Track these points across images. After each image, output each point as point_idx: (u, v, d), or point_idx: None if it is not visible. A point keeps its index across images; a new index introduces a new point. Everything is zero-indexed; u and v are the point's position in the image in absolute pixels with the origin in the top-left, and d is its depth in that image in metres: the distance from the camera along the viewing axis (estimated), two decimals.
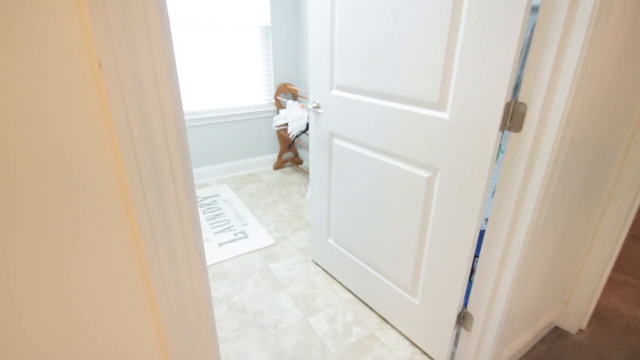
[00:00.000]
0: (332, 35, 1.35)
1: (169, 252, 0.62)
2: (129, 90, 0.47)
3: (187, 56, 2.62)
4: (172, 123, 0.53)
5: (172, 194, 0.59)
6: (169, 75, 0.50)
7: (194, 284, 0.68)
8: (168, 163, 0.56)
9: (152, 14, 0.45)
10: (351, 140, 1.41)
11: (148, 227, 0.58)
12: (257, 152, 3.21)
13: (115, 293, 0.61)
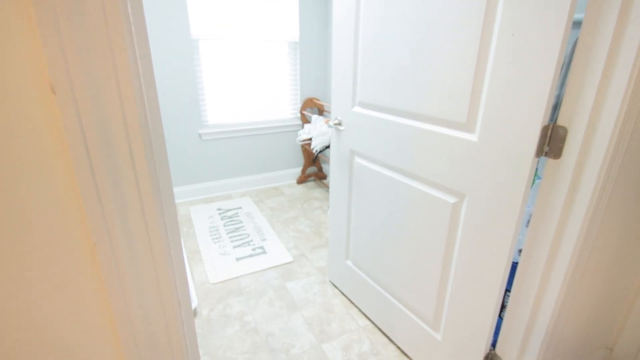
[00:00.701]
0: (356, 50, 1.31)
1: (130, 258, 0.58)
2: (87, 115, 0.45)
3: (216, 70, 2.68)
4: (141, 148, 0.50)
5: (140, 224, 0.56)
6: (137, 96, 0.48)
7: (162, 290, 0.63)
8: (135, 186, 0.53)
9: (115, 31, 0.43)
10: (373, 159, 1.35)
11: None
12: (281, 166, 3.20)
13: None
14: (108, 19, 0.41)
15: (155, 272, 0.61)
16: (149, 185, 0.55)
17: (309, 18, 2.83)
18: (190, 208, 2.74)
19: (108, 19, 0.41)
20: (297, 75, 2.99)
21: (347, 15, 1.30)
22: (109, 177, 0.50)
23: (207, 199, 2.90)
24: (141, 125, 0.49)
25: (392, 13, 1.11)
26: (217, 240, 2.30)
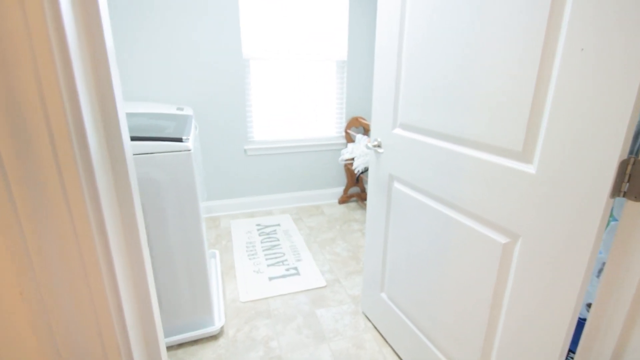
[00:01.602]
0: (398, 68, 1.22)
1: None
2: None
3: (264, 88, 2.74)
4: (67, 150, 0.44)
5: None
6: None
7: (94, 298, 0.55)
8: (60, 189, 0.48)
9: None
10: (413, 186, 1.23)
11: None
12: (323, 185, 3.15)
13: None
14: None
15: (86, 281, 0.54)
16: (78, 189, 0.48)
17: (357, 37, 2.80)
18: (232, 222, 2.78)
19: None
20: (344, 93, 2.95)
21: (390, 31, 1.23)
22: (26, 181, 0.44)
23: (248, 214, 2.93)
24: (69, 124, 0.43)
25: (437, 27, 1.02)
26: (252, 256, 2.28)
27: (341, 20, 2.74)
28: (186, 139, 1.33)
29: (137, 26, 2.32)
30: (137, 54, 2.37)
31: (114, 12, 2.25)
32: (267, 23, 2.58)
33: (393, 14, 1.20)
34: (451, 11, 0.97)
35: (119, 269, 0.58)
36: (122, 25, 2.29)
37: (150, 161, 1.28)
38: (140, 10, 2.29)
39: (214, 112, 2.65)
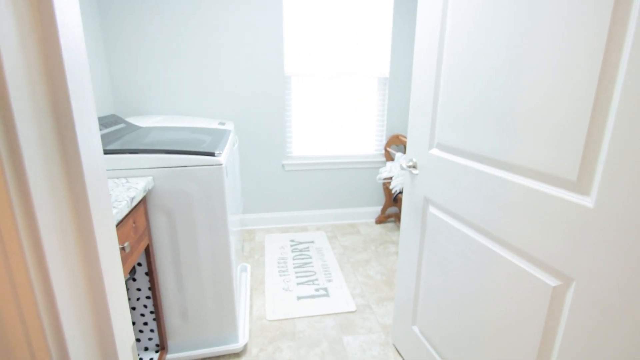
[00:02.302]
0: (437, 83, 1.14)
1: None
2: None
3: (304, 104, 2.76)
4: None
5: None
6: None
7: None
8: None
9: None
10: (450, 211, 1.13)
11: None
12: (360, 203, 3.07)
13: None
14: None
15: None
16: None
17: (400, 53, 2.74)
18: (266, 236, 2.79)
19: None
20: (385, 110, 2.88)
21: (429, 43, 1.16)
22: None
23: (283, 229, 2.93)
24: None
25: (480, 40, 0.93)
26: (283, 273, 2.25)
27: (384, 36, 2.70)
28: (218, 154, 1.35)
29: (185, 45, 2.46)
30: (184, 71, 2.51)
31: (164, 33, 2.41)
32: (309, 41, 2.62)
33: (432, 27, 1.14)
34: (495, 23, 0.88)
35: (58, 269, 0.52)
36: (171, 46, 2.44)
37: (183, 174, 1.31)
38: (189, 29, 2.44)
39: (254, 127, 2.71)
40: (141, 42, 2.41)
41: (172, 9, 2.38)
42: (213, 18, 2.44)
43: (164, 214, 1.35)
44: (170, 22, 2.40)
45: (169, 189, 1.32)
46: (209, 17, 2.44)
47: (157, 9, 2.36)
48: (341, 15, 2.60)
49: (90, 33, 2.17)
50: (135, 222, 1.17)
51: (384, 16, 2.66)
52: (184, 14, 2.40)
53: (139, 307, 1.38)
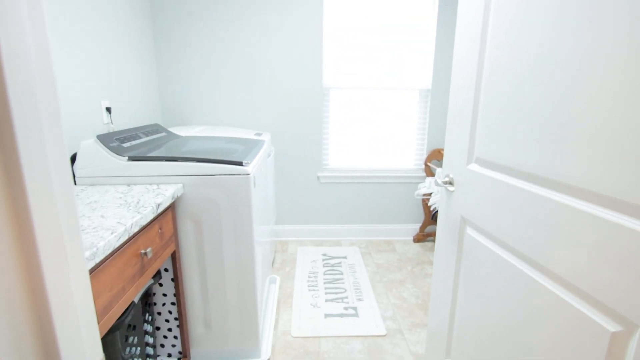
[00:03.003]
0: (477, 89, 1.04)
1: None
2: None
3: (342, 116, 2.73)
4: None
5: None
6: None
7: None
8: None
9: None
10: (490, 235, 1.01)
11: None
12: (397, 219, 2.94)
13: None
14: None
15: None
16: None
17: (443, 65, 2.62)
18: (299, 248, 2.75)
19: None
20: (426, 124, 2.75)
21: (469, 44, 1.07)
22: None
23: (316, 242, 2.88)
24: None
25: (529, 36, 0.83)
26: (312, 288, 2.19)
27: (427, 47, 2.60)
28: (246, 163, 1.35)
29: (228, 60, 2.55)
30: (227, 84, 2.60)
31: (210, 49, 2.52)
32: (348, 53, 2.59)
33: (473, 24, 1.04)
34: (548, 15, 0.78)
35: None
36: (216, 60, 2.55)
37: (211, 182, 1.32)
38: (232, 45, 2.53)
39: (291, 138, 2.72)
40: (188, 58, 2.54)
41: (218, 27, 2.49)
42: (255, 33, 2.52)
43: (191, 221, 1.36)
44: (215, 38, 2.51)
45: (197, 196, 1.33)
46: (251, 32, 2.51)
47: (204, 28, 2.49)
48: (382, 26, 2.56)
49: (144, 51, 2.33)
50: (162, 228, 1.18)
51: (427, 26, 2.57)
52: (228, 31, 2.50)
53: (164, 312, 1.40)
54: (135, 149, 1.40)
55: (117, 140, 1.40)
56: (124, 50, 2.07)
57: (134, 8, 2.21)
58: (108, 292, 0.85)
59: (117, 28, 2.00)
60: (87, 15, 1.72)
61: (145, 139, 1.58)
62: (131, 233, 0.93)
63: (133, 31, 2.19)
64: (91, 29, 1.75)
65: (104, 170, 1.30)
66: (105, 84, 1.87)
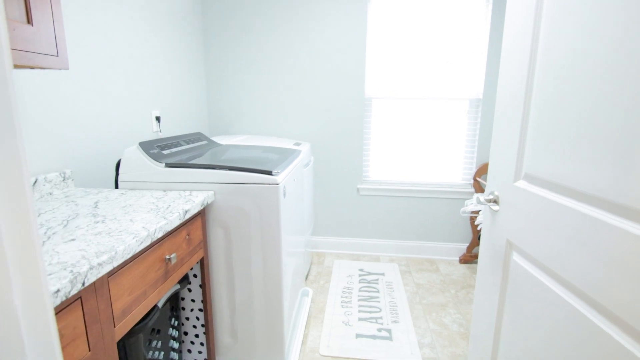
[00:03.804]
0: (527, 95, 0.92)
1: None
2: None
3: (384, 127, 2.64)
4: None
5: None
6: None
7: None
8: None
9: None
10: (540, 264, 0.87)
11: None
12: (442, 237, 2.74)
13: None
14: None
15: None
16: None
17: (497, 72, 2.42)
18: (335, 261, 2.68)
19: None
20: (476, 136, 2.56)
21: (519, 43, 0.95)
22: None
23: (354, 256, 2.79)
24: None
25: (596, 29, 0.71)
26: (346, 304, 2.10)
27: (479, 53, 2.43)
28: (276, 173, 1.32)
29: (272, 70, 2.60)
30: (270, 94, 2.64)
31: (255, 59, 2.59)
32: (392, 61, 2.51)
33: (523, 15, 0.93)
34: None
35: None
36: (260, 71, 2.61)
37: (241, 190, 1.32)
38: (276, 55, 2.58)
39: (331, 148, 2.68)
40: (234, 69, 2.63)
41: (262, 40, 2.56)
42: (297, 42, 2.54)
43: (221, 229, 1.37)
44: (259, 50, 2.58)
45: (227, 204, 1.34)
46: (293, 42, 2.54)
47: (250, 41, 2.57)
48: (429, 33, 2.44)
49: (194, 63, 2.46)
50: (190, 234, 1.20)
51: (478, 30, 2.40)
52: (270, 42, 2.56)
53: (192, 318, 1.41)
54: (174, 156, 1.45)
55: (158, 147, 1.46)
56: (174, 62, 2.20)
57: (186, 23, 2.35)
58: (127, 295, 0.86)
59: (169, 43, 2.14)
60: (142, 31, 1.85)
61: (185, 147, 1.63)
62: (154, 238, 0.94)
63: (184, 45, 2.33)
64: (145, 44, 1.88)
65: (143, 175, 1.36)
66: (155, 95, 2.00)
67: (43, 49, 1.00)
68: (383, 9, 2.45)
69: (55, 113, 1.33)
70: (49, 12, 1.01)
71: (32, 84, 1.24)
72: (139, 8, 1.81)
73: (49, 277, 0.66)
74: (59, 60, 1.06)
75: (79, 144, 1.44)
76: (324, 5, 2.47)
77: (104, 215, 1.03)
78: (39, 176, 1.23)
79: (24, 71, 1.20)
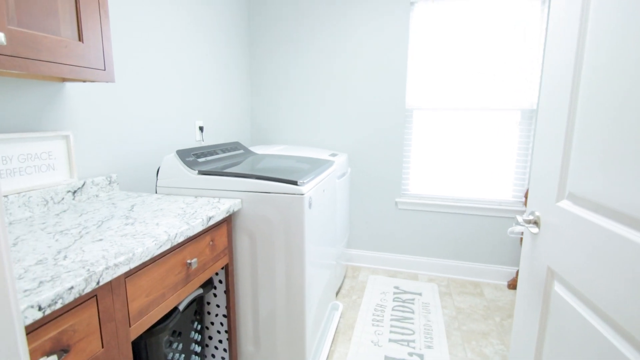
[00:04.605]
0: (572, 103, 0.81)
1: None
2: None
3: (426, 139, 2.52)
4: None
5: None
6: None
7: None
8: None
9: None
10: (586, 300, 0.74)
11: None
12: (489, 258, 2.53)
13: None
14: None
15: None
16: None
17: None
18: (370, 276, 2.59)
19: None
20: (529, 149, 2.35)
21: (563, 48, 0.84)
22: None
23: (390, 272, 2.67)
24: None
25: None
26: (377, 323, 2.01)
27: (532, 61, 2.24)
28: (301, 183, 1.31)
29: (312, 80, 2.63)
30: (310, 104, 2.67)
31: (295, 71, 2.64)
32: (437, 70, 2.41)
33: (571, 7, 0.83)
34: None
35: None
36: (300, 83, 2.65)
37: (266, 199, 1.33)
38: (315, 66, 2.60)
39: (369, 159, 2.63)
40: (276, 80, 2.71)
41: (304, 51, 2.60)
42: (337, 54, 2.55)
43: (247, 236, 1.39)
44: (300, 61, 2.63)
45: (253, 212, 1.35)
46: (333, 53, 2.55)
47: (293, 52, 2.63)
48: (476, 39, 2.31)
49: (238, 75, 2.58)
50: (214, 240, 1.22)
51: (532, 36, 2.22)
52: (312, 52, 2.59)
53: (217, 323, 1.43)
54: (208, 164, 1.51)
55: (194, 155, 1.53)
56: (221, 75, 2.32)
57: (233, 36, 2.47)
58: (145, 297, 0.90)
59: (217, 58, 2.26)
60: (188, 47, 1.98)
61: (220, 156, 1.69)
62: (175, 242, 0.97)
63: (232, 58, 2.45)
64: (192, 59, 2.00)
65: (178, 181, 1.42)
66: (201, 106, 2.11)
67: (92, 63, 1.10)
68: (427, 16, 2.37)
69: (105, 122, 1.45)
70: (98, 30, 1.11)
71: (85, 96, 1.37)
72: (187, 24, 1.95)
73: (67, 274, 0.70)
74: (106, 74, 1.16)
75: (125, 151, 1.56)
76: (364, 14, 2.46)
77: (135, 218, 1.09)
78: (87, 179, 1.35)
79: (78, 84, 1.33)
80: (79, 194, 1.31)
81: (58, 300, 0.64)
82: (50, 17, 0.96)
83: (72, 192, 1.28)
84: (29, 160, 1.15)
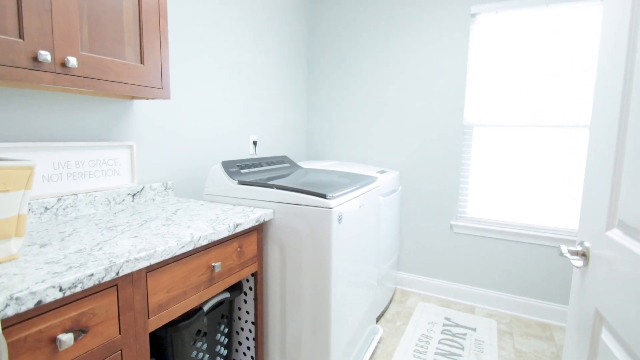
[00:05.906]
0: (623, 120, 0.68)
1: None
2: None
3: (486, 158, 2.32)
4: None
5: None
6: None
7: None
8: None
9: None
10: (634, 354, 0.60)
11: None
12: (561, 297, 2.18)
13: None
14: None
15: None
16: None
17: None
18: (420, 303, 2.42)
19: None
20: None
21: (613, 65, 0.72)
22: None
23: (443, 301, 2.46)
24: None
25: None
26: (419, 355, 1.85)
27: None
28: (330, 197, 1.31)
29: (366, 97, 2.62)
30: (363, 121, 2.66)
31: (349, 89, 2.66)
32: (499, 85, 2.22)
33: (621, 16, 0.70)
34: None
35: None
36: (355, 100, 2.66)
37: (296, 211, 1.35)
38: (370, 81, 2.59)
39: (422, 178, 2.50)
40: (331, 96, 2.77)
41: (359, 67, 2.63)
42: (391, 69, 2.51)
43: (277, 247, 1.41)
44: (355, 75, 2.65)
45: (284, 223, 1.38)
46: (387, 68, 2.52)
47: (348, 68, 2.67)
48: (542, 53, 2.08)
49: (298, 92, 2.70)
50: (242, 247, 1.27)
51: None
52: (366, 68, 2.60)
53: (245, 330, 1.47)
54: (250, 176, 1.59)
55: (238, 166, 1.63)
56: (279, 92, 2.46)
57: (293, 54, 2.61)
58: (165, 292, 0.97)
59: (275, 81, 2.40)
60: (250, 66, 2.14)
61: (265, 168, 1.78)
62: (198, 245, 1.03)
63: (291, 76, 2.58)
64: (253, 79, 2.16)
65: (220, 190, 1.53)
66: (257, 121, 2.25)
67: (151, 82, 1.26)
68: (489, 28, 2.22)
69: (165, 134, 1.64)
70: (158, 54, 1.27)
71: (148, 111, 1.56)
72: (252, 47, 2.12)
73: (93, 262, 0.79)
74: (163, 92, 1.32)
75: (182, 161, 1.73)
76: (422, 29, 2.40)
77: (173, 220, 1.19)
78: (146, 184, 1.52)
79: (143, 101, 1.53)
80: (138, 197, 1.49)
81: (78, 284, 0.72)
82: (116, 44, 1.13)
83: (131, 195, 1.46)
84: (98, 165, 1.35)
